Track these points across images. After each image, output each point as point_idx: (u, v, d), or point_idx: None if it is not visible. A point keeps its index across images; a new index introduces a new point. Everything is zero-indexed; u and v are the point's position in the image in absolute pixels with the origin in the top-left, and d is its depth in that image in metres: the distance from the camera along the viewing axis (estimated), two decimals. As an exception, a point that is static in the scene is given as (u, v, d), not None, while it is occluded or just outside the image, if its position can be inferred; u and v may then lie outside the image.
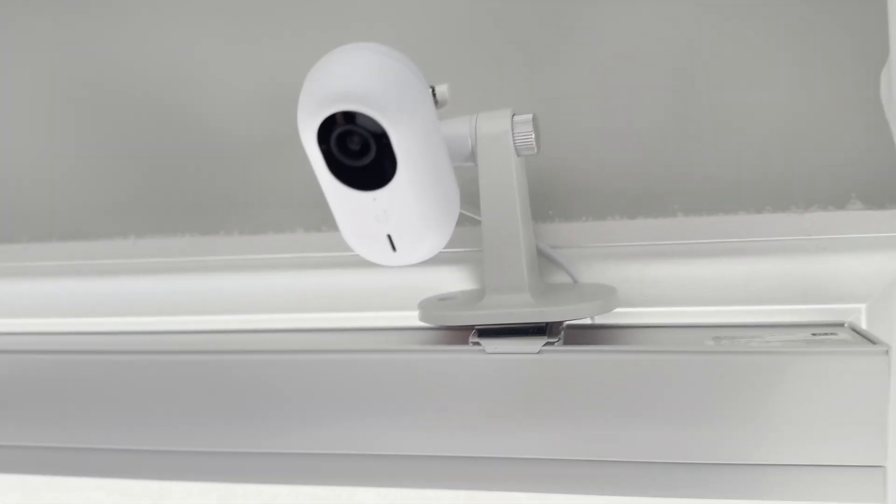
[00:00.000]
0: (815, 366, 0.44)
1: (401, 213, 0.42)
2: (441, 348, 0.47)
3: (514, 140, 0.47)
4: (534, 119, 0.47)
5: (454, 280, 0.55)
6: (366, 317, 0.57)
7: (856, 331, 0.48)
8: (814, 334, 0.47)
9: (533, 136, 0.47)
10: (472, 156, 0.48)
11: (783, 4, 0.50)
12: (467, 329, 0.51)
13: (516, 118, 0.47)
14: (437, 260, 0.55)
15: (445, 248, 0.55)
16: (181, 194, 0.59)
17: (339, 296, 0.56)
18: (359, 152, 0.40)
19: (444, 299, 0.52)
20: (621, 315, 0.52)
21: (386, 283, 0.56)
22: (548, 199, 0.54)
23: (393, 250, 0.44)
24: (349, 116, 0.39)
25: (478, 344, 0.46)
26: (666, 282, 0.51)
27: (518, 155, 0.47)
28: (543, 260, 0.53)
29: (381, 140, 0.40)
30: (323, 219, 0.57)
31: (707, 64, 0.51)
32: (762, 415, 0.43)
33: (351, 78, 0.38)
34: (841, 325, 0.50)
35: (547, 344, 0.45)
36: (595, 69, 0.52)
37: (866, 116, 0.49)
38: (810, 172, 0.51)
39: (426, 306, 0.51)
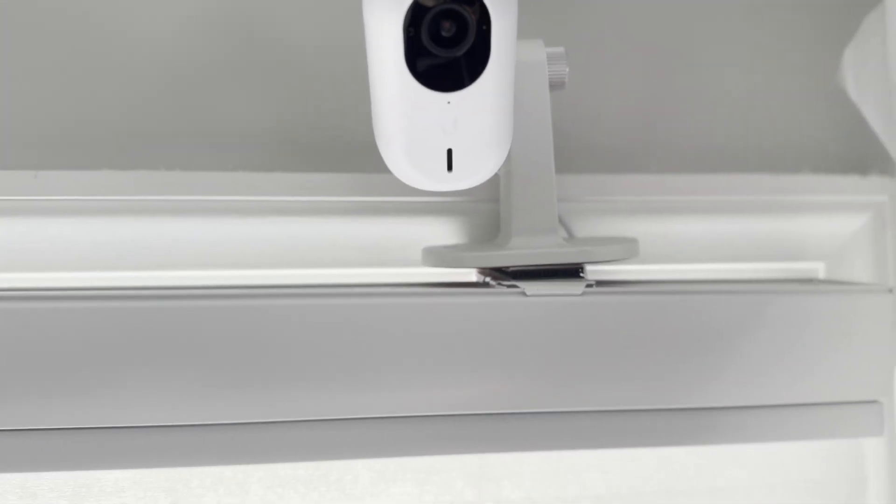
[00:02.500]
0: (828, 305, 0.43)
1: (473, 123, 0.36)
2: (472, 291, 0.41)
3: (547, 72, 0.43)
4: (566, 53, 0.44)
5: (429, 234, 0.49)
6: (327, 274, 0.49)
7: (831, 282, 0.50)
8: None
9: (567, 69, 0.44)
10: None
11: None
12: (468, 285, 0.46)
13: (549, 50, 0.44)
14: (413, 210, 0.49)
15: (425, 197, 0.50)
16: (94, 120, 0.47)
17: (292, 248, 0.47)
18: (451, 41, 0.35)
19: (449, 248, 0.46)
20: (599, 273, 0.50)
21: (346, 233, 0.48)
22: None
23: (448, 170, 0.38)
24: None
25: (514, 287, 0.41)
26: (648, 238, 0.50)
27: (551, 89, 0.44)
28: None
29: (481, 27, 0.34)
30: (272, 160, 0.48)
31: (691, 38, 0.52)
32: (790, 354, 0.43)
33: (461, -48, 0.33)
34: (811, 280, 0.52)
35: (588, 286, 0.42)
36: (590, 35, 0.51)
37: (824, 91, 0.52)
38: (774, 140, 0.53)
39: (436, 252, 0.44)
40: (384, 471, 0.44)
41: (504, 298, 0.41)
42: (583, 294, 0.41)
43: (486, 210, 0.49)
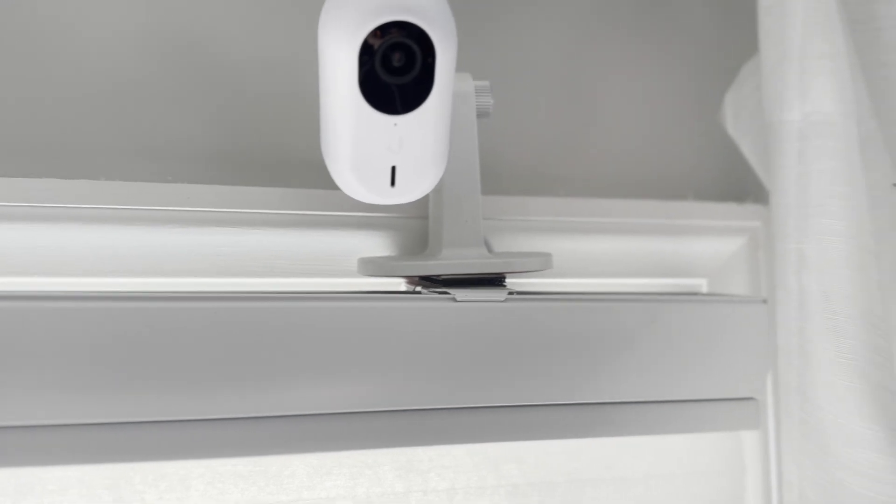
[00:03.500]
0: (702, 313, 0.50)
1: (416, 143, 0.40)
2: (407, 297, 0.44)
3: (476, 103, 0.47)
4: (491, 86, 0.48)
5: (360, 247, 0.51)
6: (264, 283, 0.50)
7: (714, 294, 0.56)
8: (689, 298, 0.54)
9: (492, 101, 0.48)
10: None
11: (653, 34, 0.58)
12: (401, 293, 0.49)
13: (476, 83, 0.48)
14: (345, 224, 0.51)
15: (357, 212, 0.53)
16: (38, 129, 0.47)
17: (231, 258, 0.49)
18: (400, 70, 0.38)
19: (385, 259, 0.49)
20: (518, 285, 0.54)
21: (282, 245, 0.50)
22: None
23: (391, 185, 0.41)
24: (407, 30, 0.37)
25: (445, 293, 0.45)
26: (558, 254, 0.55)
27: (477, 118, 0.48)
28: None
29: (427, 59, 0.38)
30: (210, 173, 0.50)
31: (596, 82, 0.57)
32: (680, 359, 0.49)
33: (413, -9, 0.37)
34: (696, 293, 0.58)
35: (510, 293, 0.46)
36: (510, 73, 0.56)
37: (708, 130, 0.59)
38: (665, 171, 0.59)
39: (374, 261, 0.47)
40: (320, 466, 0.46)
41: (436, 303, 0.44)
42: (505, 300, 0.45)
43: (413, 226, 0.52)
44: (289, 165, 0.53)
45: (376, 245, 0.52)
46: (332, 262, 0.51)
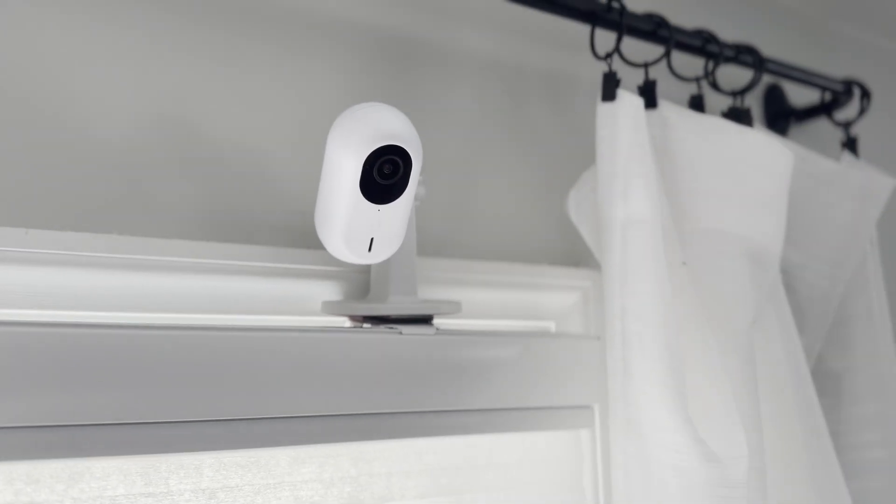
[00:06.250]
0: (557, 346, 0.69)
1: (390, 223, 0.55)
2: (362, 330, 0.58)
3: (414, 193, 0.62)
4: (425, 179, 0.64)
5: (317, 293, 0.64)
6: (244, 318, 0.61)
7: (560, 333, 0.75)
8: (545, 335, 0.72)
9: (424, 190, 0.63)
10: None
11: (521, 145, 0.77)
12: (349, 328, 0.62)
13: (413, 178, 0.63)
14: (304, 275, 0.64)
15: (315, 266, 0.65)
16: (70, 194, 0.56)
17: (214, 299, 0.60)
18: (388, 175, 0.52)
19: (342, 302, 0.62)
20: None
21: (257, 289, 0.62)
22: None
23: (368, 251, 0.55)
24: (396, 149, 0.52)
25: (392, 328, 0.59)
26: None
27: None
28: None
29: (406, 169, 0.53)
30: (200, 232, 0.61)
31: (481, 175, 0.75)
32: (542, 377, 0.66)
33: (401, 125, 0.52)
34: (548, 332, 0.76)
35: (437, 330, 0.61)
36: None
37: (558, 216, 0.78)
38: (527, 243, 0.77)
39: (337, 304, 0.60)
40: (297, 456, 0.58)
41: (387, 335, 0.59)
42: (435, 334, 0.61)
43: (354, 278, 0.66)
44: (261, 228, 0.65)
45: (327, 292, 0.65)
46: (292, 303, 0.64)
